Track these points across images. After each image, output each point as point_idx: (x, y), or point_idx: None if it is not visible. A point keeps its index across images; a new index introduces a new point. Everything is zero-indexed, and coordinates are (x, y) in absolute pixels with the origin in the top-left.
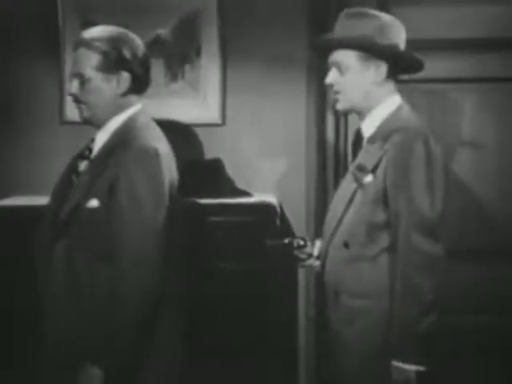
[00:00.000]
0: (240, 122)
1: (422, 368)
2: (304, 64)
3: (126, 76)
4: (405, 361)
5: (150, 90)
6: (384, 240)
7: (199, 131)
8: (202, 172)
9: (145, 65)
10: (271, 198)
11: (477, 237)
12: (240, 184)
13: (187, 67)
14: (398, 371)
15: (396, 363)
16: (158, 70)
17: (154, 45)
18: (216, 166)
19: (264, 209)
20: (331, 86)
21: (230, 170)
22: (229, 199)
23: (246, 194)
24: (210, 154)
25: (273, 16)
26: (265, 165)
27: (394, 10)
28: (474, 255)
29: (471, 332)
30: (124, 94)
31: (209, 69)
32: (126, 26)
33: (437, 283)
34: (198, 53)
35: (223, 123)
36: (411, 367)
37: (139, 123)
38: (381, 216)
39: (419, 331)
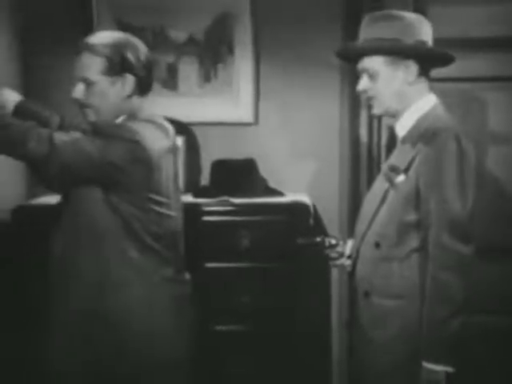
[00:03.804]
0: (273, 122)
1: (450, 369)
2: (337, 63)
3: (130, 78)
4: (434, 361)
5: (183, 90)
6: (415, 240)
7: (232, 130)
8: (235, 171)
9: (148, 68)
10: (304, 198)
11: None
12: (273, 183)
13: (220, 67)
14: (427, 372)
15: (425, 364)
16: (191, 69)
17: (188, 44)
18: (249, 165)
19: (297, 208)
20: (364, 92)
21: (263, 170)
22: (262, 199)
23: (279, 193)
24: (242, 153)
25: (306, 15)
26: (298, 164)
27: (430, 9)
28: (506, 254)
29: (502, 332)
30: (129, 96)
31: (242, 68)
32: (160, 26)
33: (467, 284)
34: (231, 52)
35: (256, 122)
36: (440, 368)
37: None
38: (412, 216)
39: (448, 332)
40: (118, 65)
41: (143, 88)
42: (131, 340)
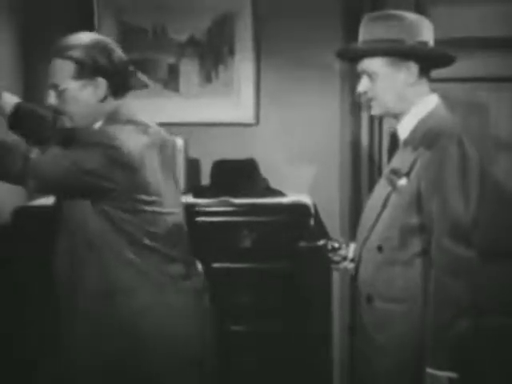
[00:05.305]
0: (273, 122)
1: (454, 375)
2: (338, 64)
3: (102, 82)
4: (437, 367)
5: (184, 90)
6: (418, 244)
7: (233, 131)
8: (235, 172)
9: (122, 69)
10: (305, 198)
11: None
12: (273, 184)
13: (221, 67)
14: (431, 378)
15: (429, 370)
16: (192, 70)
17: (189, 45)
18: (250, 165)
19: (298, 209)
20: (364, 93)
21: (264, 170)
22: (263, 199)
23: (279, 193)
24: (243, 153)
25: (307, 16)
26: (298, 165)
27: (431, 9)
28: (507, 256)
29: (508, 334)
30: (103, 100)
31: (242, 69)
32: (161, 27)
33: (470, 288)
34: (232, 53)
35: (257, 123)
36: (443, 374)
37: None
38: (414, 220)
39: (452, 338)
40: (88, 68)
41: (119, 90)
42: (146, 343)
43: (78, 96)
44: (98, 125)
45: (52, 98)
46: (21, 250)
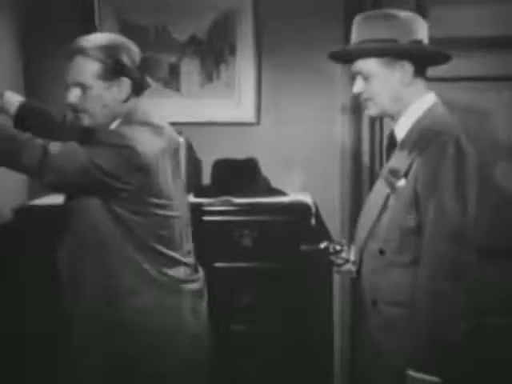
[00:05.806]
0: (274, 122)
1: (439, 380)
2: (339, 65)
3: (126, 82)
4: (426, 372)
5: (185, 90)
6: (418, 246)
7: (234, 130)
8: (236, 171)
9: (141, 69)
10: (306, 197)
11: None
12: (274, 183)
13: (222, 67)
14: (413, 381)
15: (411, 372)
16: (193, 69)
17: (190, 44)
18: (251, 165)
19: (299, 208)
20: (359, 93)
21: (264, 170)
22: (263, 198)
23: (281, 193)
24: (244, 153)
25: (308, 16)
26: (298, 165)
27: (432, 9)
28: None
29: (505, 334)
30: (125, 100)
31: (244, 69)
32: (162, 26)
33: (468, 291)
34: (233, 52)
35: (258, 122)
36: (432, 378)
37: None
38: (414, 221)
39: (446, 344)
40: (113, 69)
41: (138, 89)
42: (148, 343)
43: (103, 95)
44: (114, 124)
45: (73, 96)
46: (21, 249)
